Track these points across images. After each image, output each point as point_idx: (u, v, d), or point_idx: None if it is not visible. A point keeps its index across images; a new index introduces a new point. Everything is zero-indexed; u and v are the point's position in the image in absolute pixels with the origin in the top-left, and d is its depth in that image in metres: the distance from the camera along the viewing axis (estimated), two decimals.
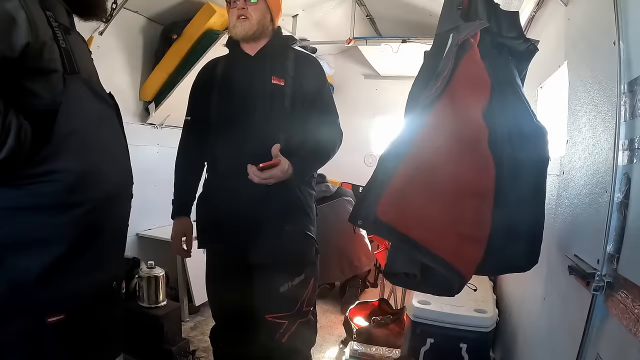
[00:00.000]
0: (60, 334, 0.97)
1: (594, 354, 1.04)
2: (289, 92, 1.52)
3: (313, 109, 1.56)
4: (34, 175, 0.91)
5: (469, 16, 1.26)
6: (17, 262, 0.91)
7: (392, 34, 3.36)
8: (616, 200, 1.00)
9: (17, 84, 0.89)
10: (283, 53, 1.59)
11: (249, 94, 1.54)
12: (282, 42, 1.63)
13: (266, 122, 1.51)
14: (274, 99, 1.51)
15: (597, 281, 1.01)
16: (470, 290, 2.05)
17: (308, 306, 1.55)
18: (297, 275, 1.52)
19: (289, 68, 1.55)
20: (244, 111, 1.53)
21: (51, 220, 0.94)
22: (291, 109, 1.52)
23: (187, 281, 2.77)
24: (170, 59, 2.72)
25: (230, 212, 1.53)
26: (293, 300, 1.52)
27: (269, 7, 1.56)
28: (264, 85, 1.52)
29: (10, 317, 0.92)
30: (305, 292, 1.53)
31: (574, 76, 1.44)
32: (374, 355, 2.26)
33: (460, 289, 1.18)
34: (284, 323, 1.51)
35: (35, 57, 0.90)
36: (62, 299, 0.97)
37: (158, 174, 3.02)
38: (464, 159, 1.11)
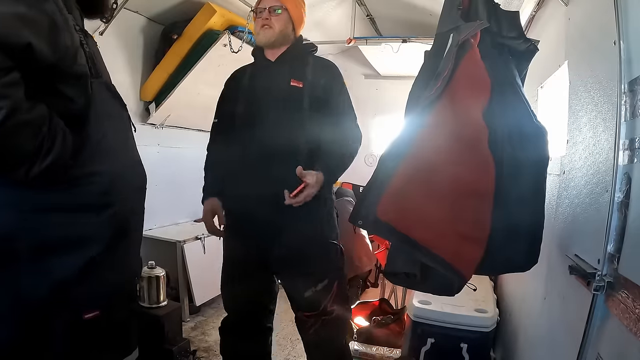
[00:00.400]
0: (95, 329, 1.01)
1: (595, 354, 1.03)
2: (307, 93, 1.60)
3: (331, 111, 1.63)
4: (73, 178, 0.94)
5: (469, 16, 1.26)
6: (57, 262, 0.94)
7: (393, 33, 3.36)
8: (617, 200, 1.00)
9: (53, 88, 0.91)
10: (302, 58, 1.69)
11: (269, 96, 1.63)
12: (301, 49, 1.73)
13: (285, 122, 1.59)
14: (292, 100, 1.60)
15: (598, 281, 1.01)
16: (471, 290, 2.04)
17: (332, 305, 1.64)
18: (320, 282, 1.61)
19: (308, 72, 1.64)
20: (263, 113, 1.61)
21: (88, 220, 0.97)
22: (309, 110, 1.59)
23: (188, 281, 2.77)
24: (170, 59, 2.73)
25: (253, 213, 1.59)
26: (317, 303, 1.62)
27: (292, 18, 1.67)
28: (282, 87, 1.61)
29: (51, 314, 0.95)
30: (328, 295, 1.63)
31: (575, 76, 1.44)
32: (375, 355, 2.26)
33: (460, 288, 1.18)
34: (310, 320, 1.65)
35: (71, 61, 0.92)
36: (97, 296, 1.01)
37: (159, 174, 3.03)
38: (464, 159, 1.11)
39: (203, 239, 2.92)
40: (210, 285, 2.99)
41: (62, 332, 0.97)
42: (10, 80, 0.80)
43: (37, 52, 0.83)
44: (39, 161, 0.86)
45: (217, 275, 2.84)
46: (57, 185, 0.93)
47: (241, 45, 2.67)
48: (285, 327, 2.89)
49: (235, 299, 1.76)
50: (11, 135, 0.81)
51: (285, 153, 1.54)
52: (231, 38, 2.61)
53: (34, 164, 0.85)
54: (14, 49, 0.79)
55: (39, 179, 0.88)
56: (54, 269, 0.93)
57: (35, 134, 0.84)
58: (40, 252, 0.92)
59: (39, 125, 0.85)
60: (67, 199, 0.95)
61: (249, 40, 2.78)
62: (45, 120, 0.86)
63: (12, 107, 0.79)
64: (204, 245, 2.92)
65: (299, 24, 1.72)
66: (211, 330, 2.75)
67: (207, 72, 2.80)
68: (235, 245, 1.72)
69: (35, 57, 0.83)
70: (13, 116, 0.79)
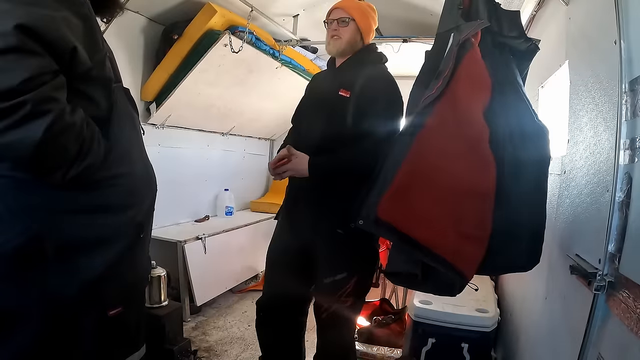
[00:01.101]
0: (119, 325, 1.05)
1: (596, 354, 1.03)
2: (352, 104, 1.65)
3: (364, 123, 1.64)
4: (100, 180, 0.96)
5: (469, 16, 1.26)
6: (85, 261, 0.96)
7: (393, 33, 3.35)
8: (617, 200, 1.00)
9: (82, 92, 0.93)
10: (359, 68, 1.73)
11: (317, 101, 1.79)
12: (364, 58, 1.79)
13: (325, 129, 1.69)
14: (336, 109, 1.67)
15: (599, 281, 1.01)
16: (472, 290, 2.04)
17: (347, 297, 1.73)
18: (339, 273, 1.71)
19: (358, 83, 1.68)
20: (310, 118, 1.77)
21: (114, 220, 1.00)
22: (351, 120, 1.65)
23: (189, 281, 2.77)
24: (171, 59, 2.73)
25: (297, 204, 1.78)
26: (333, 291, 1.72)
27: (359, 28, 1.75)
28: (331, 95, 1.70)
29: (79, 312, 0.97)
30: (345, 287, 1.72)
31: (575, 75, 1.43)
32: (376, 355, 2.26)
33: (462, 288, 1.18)
34: (324, 305, 1.76)
35: (102, 65, 0.95)
36: (120, 293, 1.04)
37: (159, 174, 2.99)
38: (464, 158, 1.11)
39: (204, 239, 2.92)
40: (211, 286, 3.00)
41: (91, 329, 1.00)
42: (58, 84, 0.81)
43: (80, 56, 0.85)
44: (76, 164, 0.88)
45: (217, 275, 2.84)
46: (85, 187, 0.95)
47: (242, 45, 2.67)
48: None
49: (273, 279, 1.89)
50: (58, 138, 0.82)
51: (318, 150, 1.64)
52: (232, 38, 2.61)
53: (72, 167, 0.87)
54: (63, 52, 0.81)
55: (71, 180, 0.89)
56: (81, 268, 0.95)
57: (77, 137, 0.86)
58: (69, 251, 0.94)
59: (81, 128, 0.87)
60: (94, 200, 0.97)
61: (250, 40, 2.78)
62: (84, 123, 0.88)
63: (61, 110, 0.81)
64: (204, 245, 2.92)
65: (367, 33, 1.79)
66: (212, 330, 2.76)
67: (207, 72, 2.80)
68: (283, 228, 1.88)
69: (78, 61, 0.85)
70: (61, 119, 0.81)
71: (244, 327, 2.85)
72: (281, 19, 3.18)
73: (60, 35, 0.80)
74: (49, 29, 0.79)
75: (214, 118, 3.42)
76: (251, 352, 2.50)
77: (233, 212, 3.79)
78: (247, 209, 4.22)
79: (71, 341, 0.97)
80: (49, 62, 0.79)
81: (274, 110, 3.98)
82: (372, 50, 1.83)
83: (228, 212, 3.74)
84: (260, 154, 4.54)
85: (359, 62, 1.76)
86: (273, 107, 3.89)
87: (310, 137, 1.72)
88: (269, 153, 4.69)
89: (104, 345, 1.03)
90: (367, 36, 1.80)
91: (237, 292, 3.44)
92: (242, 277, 3.43)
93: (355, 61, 1.76)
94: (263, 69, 3.19)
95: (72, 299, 0.95)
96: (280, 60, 3.20)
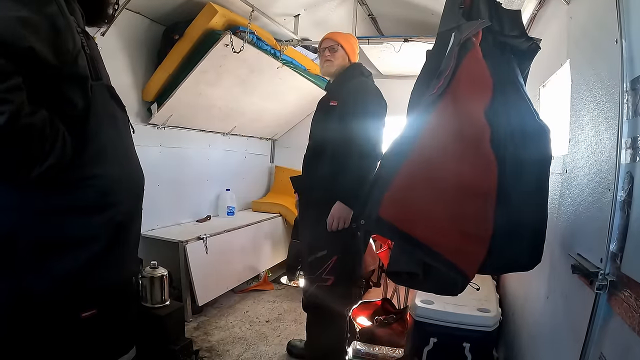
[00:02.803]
0: (92, 327, 1.03)
1: (598, 353, 1.03)
2: (338, 110, 2.09)
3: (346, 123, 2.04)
4: (74, 180, 0.96)
5: (470, 15, 1.26)
6: (58, 261, 0.95)
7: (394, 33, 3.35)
8: (619, 199, 1.00)
9: (54, 91, 0.92)
10: (345, 82, 2.18)
11: (318, 111, 2.25)
12: (349, 74, 2.22)
13: (322, 133, 2.15)
14: (328, 116, 2.14)
15: (601, 280, 1.00)
16: (473, 290, 2.04)
17: (328, 275, 2.03)
18: (320, 251, 2.05)
19: (343, 93, 2.12)
20: (315, 123, 2.24)
21: (87, 221, 0.99)
22: (338, 123, 2.06)
23: (190, 281, 2.78)
24: (172, 59, 2.73)
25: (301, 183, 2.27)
26: (315, 268, 2.06)
27: (346, 52, 2.23)
28: (325, 107, 2.18)
29: (49, 313, 0.96)
30: (325, 264, 2.02)
31: (577, 75, 1.43)
32: (377, 354, 2.26)
33: (463, 288, 1.18)
34: (308, 283, 2.12)
35: (73, 64, 0.93)
36: (95, 295, 1.02)
37: (160, 174, 3.04)
38: (466, 157, 1.11)
39: (205, 239, 2.93)
40: (212, 286, 3.00)
41: (60, 330, 0.98)
42: (12, 85, 0.80)
43: (39, 56, 0.83)
44: (39, 163, 0.87)
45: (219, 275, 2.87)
46: (57, 187, 0.94)
47: (243, 45, 2.67)
48: (288, 327, 2.90)
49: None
50: (13, 139, 0.81)
51: (319, 153, 2.12)
52: (233, 38, 2.62)
53: (35, 166, 0.87)
54: (16, 52, 0.80)
55: (40, 181, 0.89)
56: (53, 269, 0.95)
57: (38, 138, 0.85)
58: (40, 251, 0.93)
59: (42, 129, 0.86)
60: (67, 201, 0.96)
61: (251, 40, 2.78)
62: (46, 124, 0.87)
63: (14, 111, 0.79)
64: (206, 246, 2.93)
65: (352, 55, 2.27)
66: (213, 330, 2.76)
67: (208, 73, 2.80)
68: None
69: (38, 60, 0.84)
70: (15, 120, 0.80)
71: (245, 327, 2.85)
72: (282, 19, 3.18)
73: (14, 36, 0.78)
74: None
75: (215, 118, 3.43)
76: (253, 352, 2.51)
77: (234, 212, 3.79)
78: (248, 209, 4.22)
79: (40, 342, 0.96)
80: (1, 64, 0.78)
81: (276, 110, 3.98)
82: (355, 68, 2.26)
83: (229, 212, 3.74)
84: (262, 154, 4.54)
85: (345, 78, 2.21)
86: (274, 107, 3.89)
87: (315, 139, 2.20)
88: (270, 153, 4.69)
89: (74, 347, 1.01)
90: (353, 57, 2.27)
91: (238, 292, 3.44)
92: (243, 277, 3.43)
93: (343, 77, 2.22)
94: (264, 69, 3.19)
95: (41, 299, 0.94)
96: (281, 60, 3.20)
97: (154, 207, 3.01)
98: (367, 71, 2.27)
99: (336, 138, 2.05)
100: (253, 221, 3.60)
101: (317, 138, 2.18)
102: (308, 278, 2.12)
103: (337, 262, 2.02)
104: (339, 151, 2.02)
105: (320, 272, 2.03)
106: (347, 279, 2.10)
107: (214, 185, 3.71)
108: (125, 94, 2.74)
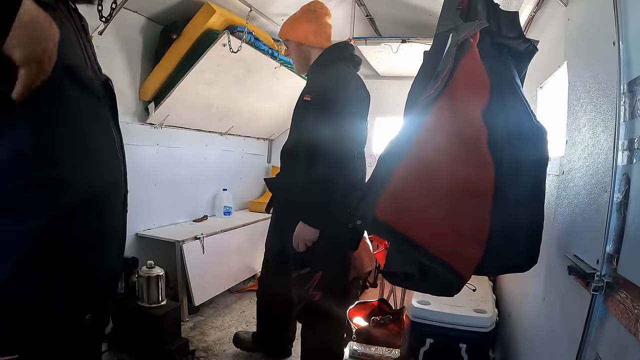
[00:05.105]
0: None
1: (594, 354, 1.03)
2: (311, 106, 1.88)
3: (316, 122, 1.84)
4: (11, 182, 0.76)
5: (468, 16, 1.26)
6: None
7: (392, 34, 3.36)
8: (616, 201, 1.00)
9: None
10: (318, 72, 1.97)
11: (296, 108, 2.03)
12: (319, 63, 1.99)
13: (296, 132, 2.00)
14: (302, 113, 1.96)
15: (597, 281, 1.01)
16: (470, 291, 2.05)
17: (315, 291, 1.92)
18: (303, 269, 1.94)
19: (317, 85, 1.92)
20: (292, 121, 2.07)
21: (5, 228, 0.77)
22: (311, 122, 1.86)
23: (187, 281, 2.77)
24: (169, 58, 2.72)
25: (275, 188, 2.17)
26: (301, 284, 1.95)
27: (298, 41, 1.97)
28: (301, 101, 1.98)
29: None
30: (310, 281, 1.92)
31: (574, 76, 1.44)
32: (374, 355, 2.26)
33: (459, 289, 1.18)
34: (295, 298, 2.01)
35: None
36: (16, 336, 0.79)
37: (157, 174, 3.03)
38: (463, 159, 1.11)
39: (202, 239, 2.92)
40: (209, 285, 2.99)
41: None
42: None
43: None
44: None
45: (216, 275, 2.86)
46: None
47: (240, 45, 2.67)
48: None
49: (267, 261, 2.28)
50: None
51: (296, 149, 1.94)
52: (230, 38, 2.61)
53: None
54: None
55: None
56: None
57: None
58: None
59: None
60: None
61: (249, 40, 2.78)
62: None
63: None
64: (203, 245, 2.92)
65: (310, 39, 1.97)
66: (210, 330, 2.75)
67: (206, 72, 2.79)
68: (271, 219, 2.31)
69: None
70: None
71: (242, 327, 2.85)
72: (280, 19, 3.17)
73: None
74: None
75: (212, 118, 3.42)
76: (249, 352, 2.50)
77: (231, 212, 3.78)
78: (245, 209, 4.22)
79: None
80: None
81: (273, 111, 3.97)
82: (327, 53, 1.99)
83: (226, 212, 3.73)
84: (259, 154, 4.53)
85: (317, 68, 1.99)
86: (272, 107, 3.88)
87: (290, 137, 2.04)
88: (267, 153, 4.69)
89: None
90: (313, 40, 1.96)
91: (235, 292, 3.43)
92: (240, 277, 3.42)
93: (315, 67, 2.00)
94: (262, 69, 3.19)
95: None
96: (279, 60, 3.20)
97: (150, 206, 3.00)
98: (346, 53, 2.00)
99: (308, 139, 1.85)
100: (250, 221, 3.59)
101: (291, 137, 2.02)
102: (296, 293, 2.01)
103: (322, 278, 1.91)
104: (309, 155, 1.83)
105: (307, 287, 1.93)
106: (335, 291, 1.99)
107: (210, 185, 3.70)
108: (122, 93, 2.73)
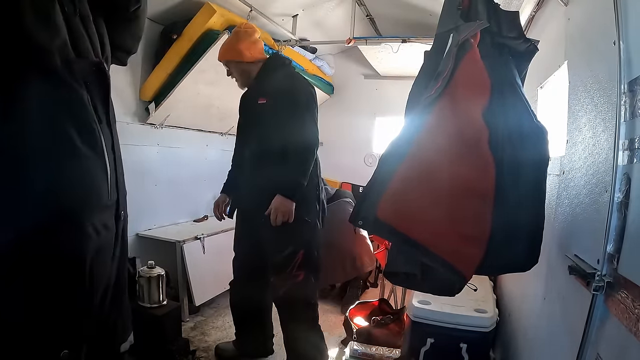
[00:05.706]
0: None
1: (594, 354, 1.03)
2: (269, 107, 2.01)
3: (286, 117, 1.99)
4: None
5: (469, 16, 1.26)
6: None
7: (392, 33, 3.36)
8: (616, 200, 1.00)
9: None
10: (268, 77, 2.09)
11: (248, 114, 2.16)
12: (267, 68, 2.10)
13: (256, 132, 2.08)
14: (261, 115, 2.05)
15: (597, 281, 1.01)
16: (471, 290, 2.05)
17: (298, 271, 2.05)
18: (285, 249, 2.03)
19: (270, 88, 2.04)
20: (245, 127, 2.17)
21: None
22: (273, 119, 2.00)
23: (187, 281, 2.77)
24: (170, 58, 2.72)
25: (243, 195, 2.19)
26: (284, 266, 2.05)
27: (238, 60, 2.07)
28: (253, 105, 2.09)
29: None
30: (292, 261, 2.03)
31: (574, 76, 1.44)
32: (374, 355, 2.26)
33: (460, 289, 1.18)
34: (279, 282, 2.08)
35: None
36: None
37: (158, 174, 3.03)
38: (464, 159, 1.11)
39: (203, 239, 2.92)
40: (209, 285, 2.99)
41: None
42: None
43: None
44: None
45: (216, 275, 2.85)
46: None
47: None
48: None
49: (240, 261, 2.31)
50: None
51: (259, 153, 2.05)
52: None
53: None
54: None
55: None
56: None
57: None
58: None
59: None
60: None
61: None
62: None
63: None
64: (203, 245, 2.92)
65: (246, 55, 2.06)
66: (210, 330, 2.75)
67: (206, 72, 2.79)
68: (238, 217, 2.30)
69: None
70: None
71: None
72: (280, 19, 3.18)
73: None
74: None
75: (213, 118, 3.42)
76: None
77: None
78: None
79: None
80: None
81: None
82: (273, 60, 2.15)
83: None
84: None
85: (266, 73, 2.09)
86: None
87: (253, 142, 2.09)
88: None
89: None
90: (250, 56, 2.07)
91: None
92: None
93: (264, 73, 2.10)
94: None
95: None
96: None
97: (151, 206, 3.00)
98: (285, 61, 2.18)
99: (277, 134, 1.99)
100: None
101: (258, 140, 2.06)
102: (278, 277, 2.09)
103: (304, 257, 2.05)
104: (281, 146, 1.97)
105: (290, 269, 2.04)
106: (315, 270, 2.13)
107: (211, 185, 3.69)
108: (123, 93, 2.74)
